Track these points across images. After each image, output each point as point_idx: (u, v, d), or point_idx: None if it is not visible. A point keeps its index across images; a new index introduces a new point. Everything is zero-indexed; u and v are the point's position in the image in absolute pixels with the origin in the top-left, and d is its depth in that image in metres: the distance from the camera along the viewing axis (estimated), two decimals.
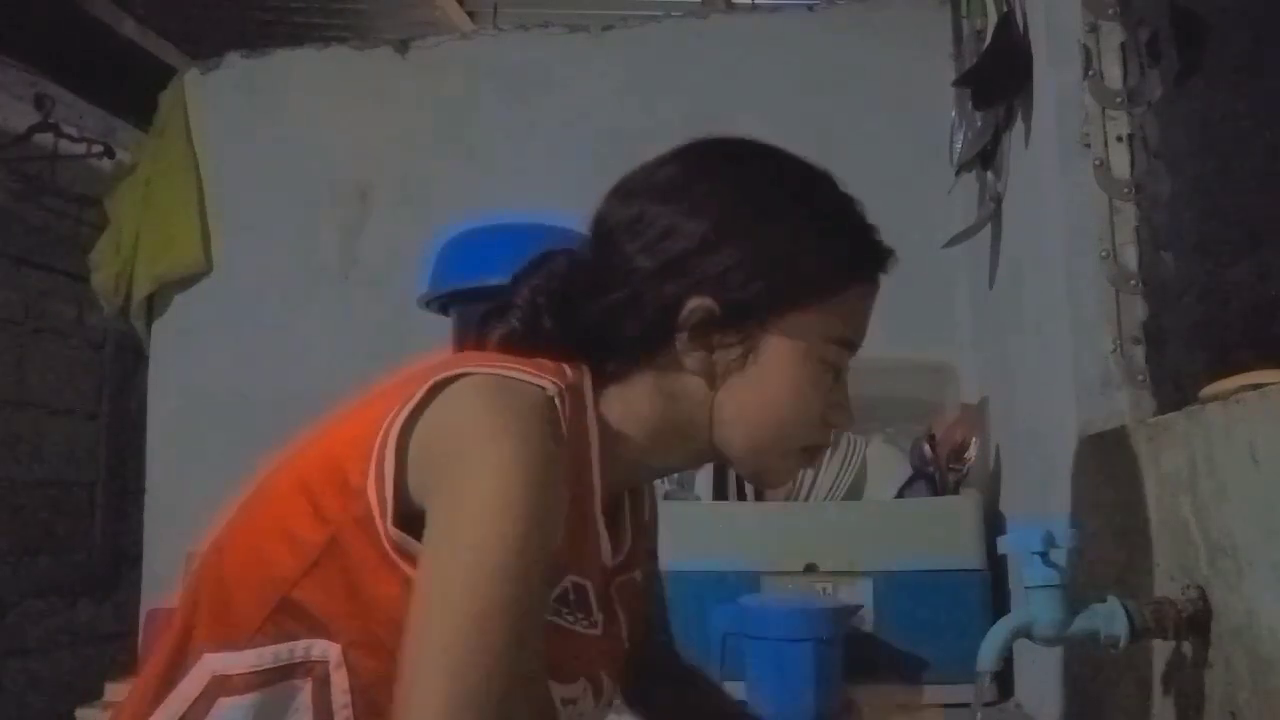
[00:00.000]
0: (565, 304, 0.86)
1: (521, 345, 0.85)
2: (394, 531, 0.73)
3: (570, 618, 0.81)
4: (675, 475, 1.72)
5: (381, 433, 0.74)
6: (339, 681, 0.74)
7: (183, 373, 2.36)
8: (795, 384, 0.84)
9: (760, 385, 0.84)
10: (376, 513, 0.73)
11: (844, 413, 0.88)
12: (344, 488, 0.75)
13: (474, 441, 0.72)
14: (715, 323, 0.82)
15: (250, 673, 0.75)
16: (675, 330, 0.82)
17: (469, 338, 0.90)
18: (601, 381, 0.85)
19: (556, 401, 0.75)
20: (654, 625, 1.07)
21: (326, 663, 0.75)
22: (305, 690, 0.75)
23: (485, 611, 0.68)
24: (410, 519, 0.73)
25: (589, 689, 0.85)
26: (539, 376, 0.76)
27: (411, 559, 0.72)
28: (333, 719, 0.74)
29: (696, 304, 0.81)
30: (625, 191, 0.88)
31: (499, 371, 0.76)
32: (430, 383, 0.75)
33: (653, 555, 1.03)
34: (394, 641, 0.71)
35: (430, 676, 0.67)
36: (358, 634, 0.75)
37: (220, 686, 0.75)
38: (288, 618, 0.75)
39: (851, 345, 0.87)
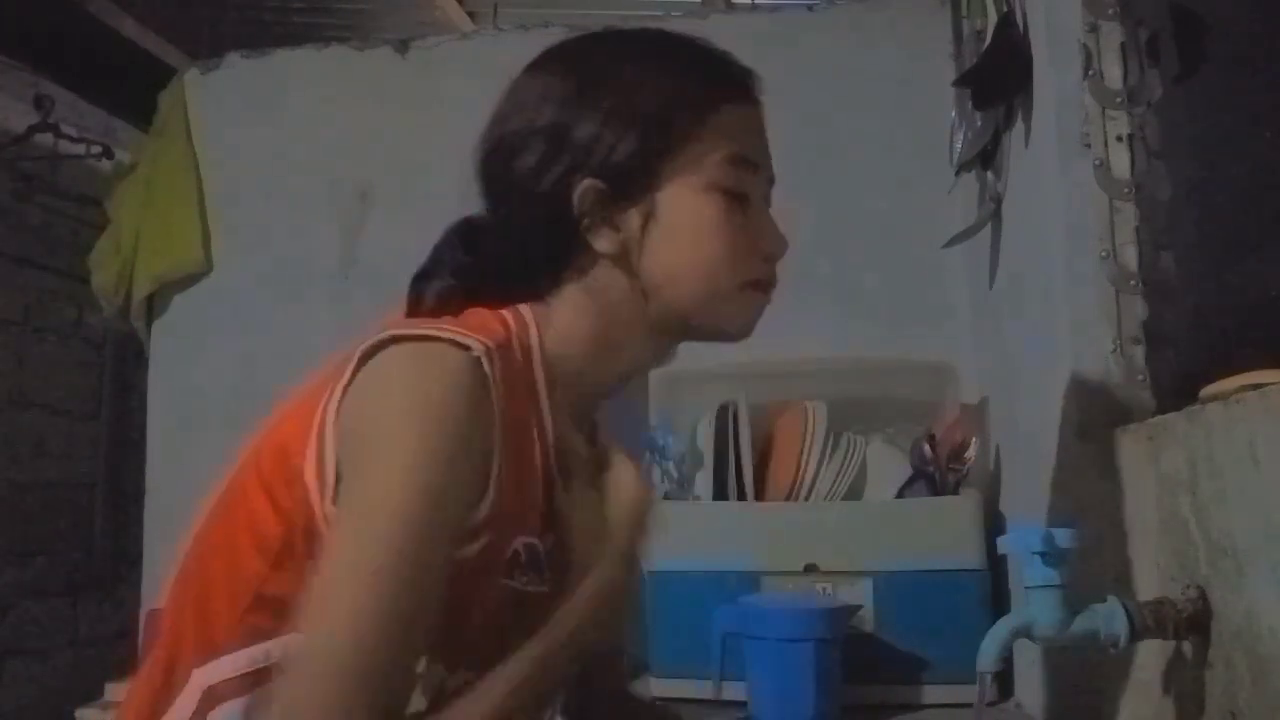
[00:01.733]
0: (473, 234, 0.88)
1: (455, 294, 0.85)
2: (331, 510, 0.73)
3: (523, 578, 0.80)
4: (675, 475, 1.72)
5: (320, 411, 0.75)
6: None
7: (183, 373, 2.36)
8: (705, 222, 0.83)
9: (673, 238, 0.83)
10: (315, 495, 0.74)
11: (772, 238, 0.87)
12: (288, 471, 0.75)
13: (383, 420, 0.72)
14: (607, 198, 0.82)
15: (234, 678, 0.75)
16: (578, 223, 0.82)
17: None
18: (539, 311, 0.85)
19: (484, 361, 0.75)
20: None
21: None
22: None
23: (381, 578, 0.68)
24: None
25: None
26: (465, 335, 0.76)
27: None
28: None
29: (582, 186, 0.82)
30: (489, 123, 0.90)
31: (424, 332, 0.75)
32: (358, 353, 0.75)
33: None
34: None
35: (311, 645, 0.67)
36: None
37: (210, 699, 0.76)
38: (262, 615, 0.75)
39: (748, 163, 0.85)
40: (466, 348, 0.75)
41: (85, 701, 1.90)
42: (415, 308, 0.88)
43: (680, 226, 0.83)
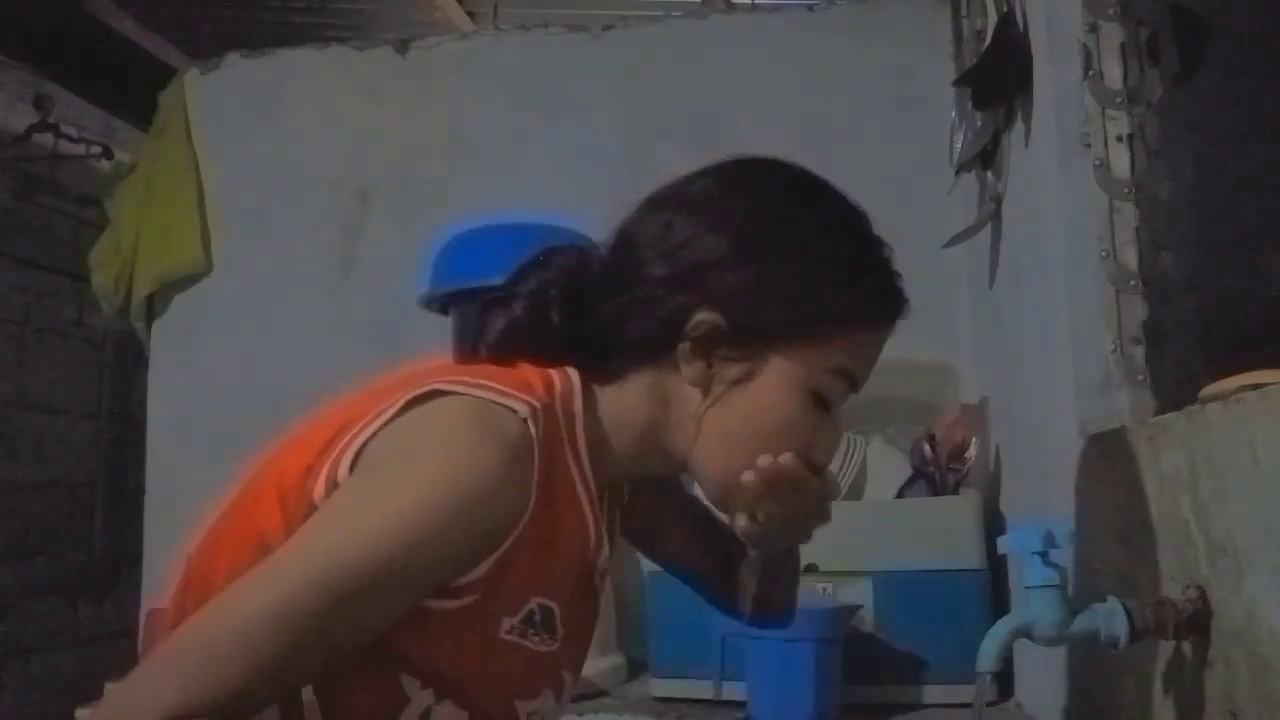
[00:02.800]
0: (573, 299, 0.86)
1: (523, 337, 0.84)
2: None
3: (535, 639, 0.80)
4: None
5: (346, 438, 0.74)
6: (307, 695, 0.73)
7: (183, 373, 2.36)
8: (785, 413, 0.83)
9: (751, 406, 0.82)
10: None
11: (828, 451, 0.87)
12: (304, 495, 0.74)
13: (422, 446, 0.72)
14: (720, 339, 0.81)
15: None
16: (679, 339, 0.82)
17: (470, 328, 0.89)
18: (596, 381, 0.85)
19: (530, 425, 0.74)
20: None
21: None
22: (274, 711, 0.74)
23: (299, 584, 0.66)
24: None
25: (551, 695, 0.85)
26: (513, 397, 0.75)
27: None
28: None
29: (704, 317, 0.81)
30: (656, 200, 0.87)
31: (474, 393, 0.75)
32: (404, 399, 0.75)
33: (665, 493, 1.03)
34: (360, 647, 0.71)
35: (204, 615, 0.66)
36: None
37: None
38: None
39: (851, 380, 0.86)
40: (514, 410, 0.74)
41: (85, 701, 1.90)
42: (479, 339, 0.87)
43: (763, 403, 0.82)
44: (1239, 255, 0.93)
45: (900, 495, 1.63)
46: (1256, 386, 0.70)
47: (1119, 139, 1.09)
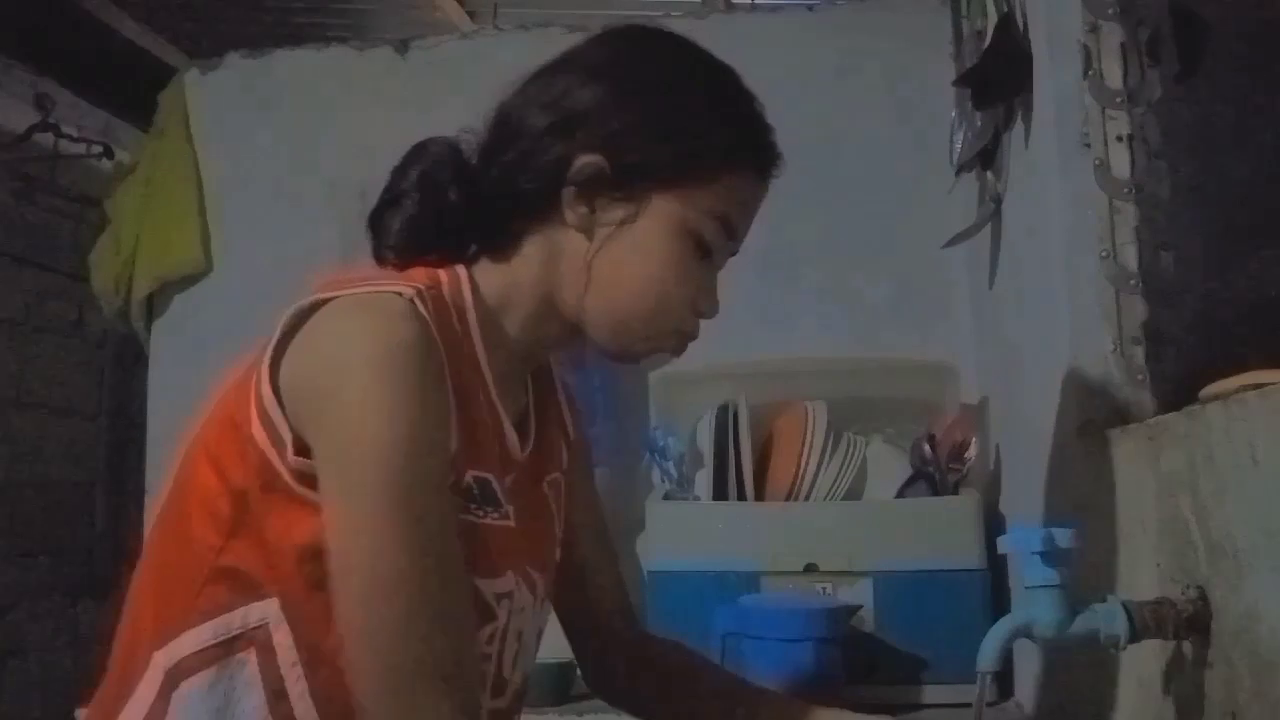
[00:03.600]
0: (460, 175, 0.88)
1: (425, 228, 0.86)
2: (294, 460, 0.74)
3: (479, 512, 0.81)
4: (675, 475, 1.72)
5: (255, 374, 0.76)
6: (282, 640, 0.75)
7: (183, 373, 2.35)
8: (667, 254, 0.84)
9: (636, 250, 0.84)
10: (272, 452, 0.75)
11: (711, 299, 0.88)
12: (237, 442, 0.76)
13: (338, 360, 0.74)
14: (603, 182, 0.83)
15: (193, 654, 0.76)
16: (560, 188, 0.83)
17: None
18: (492, 257, 0.87)
19: (417, 303, 0.76)
20: (609, 594, 1.06)
21: (266, 625, 0.75)
22: (250, 662, 0.75)
23: (392, 523, 0.70)
24: (304, 449, 0.74)
25: (521, 583, 0.86)
26: (396, 284, 0.78)
27: (314, 484, 0.74)
28: (282, 684, 0.75)
29: (587, 160, 0.83)
30: (532, 73, 0.90)
31: (354, 290, 0.78)
32: (288, 313, 0.78)
33: (578, 471, 1.03)
34: (323, 571, 0.72)
35: (364, 623, 0.69)
36: (288, 580, 0.75)
37: (172, 680, 0.76)
38: (220, 588, 0.76)
39: (730, 229, 0.87)
40: (398, 294, 0.77)
41: (85, 702, 1.90)
42: (379, 245, 0.89)
43: (648, 244, 0.84)
44: (1239, 255, 0.93)
45: (900, 495, 1.63)
46: (1256, 386, 0.70)
47: (1119, 139, 1.09)
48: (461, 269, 0.86)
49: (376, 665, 0.69)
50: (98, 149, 3.00)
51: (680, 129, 0.85)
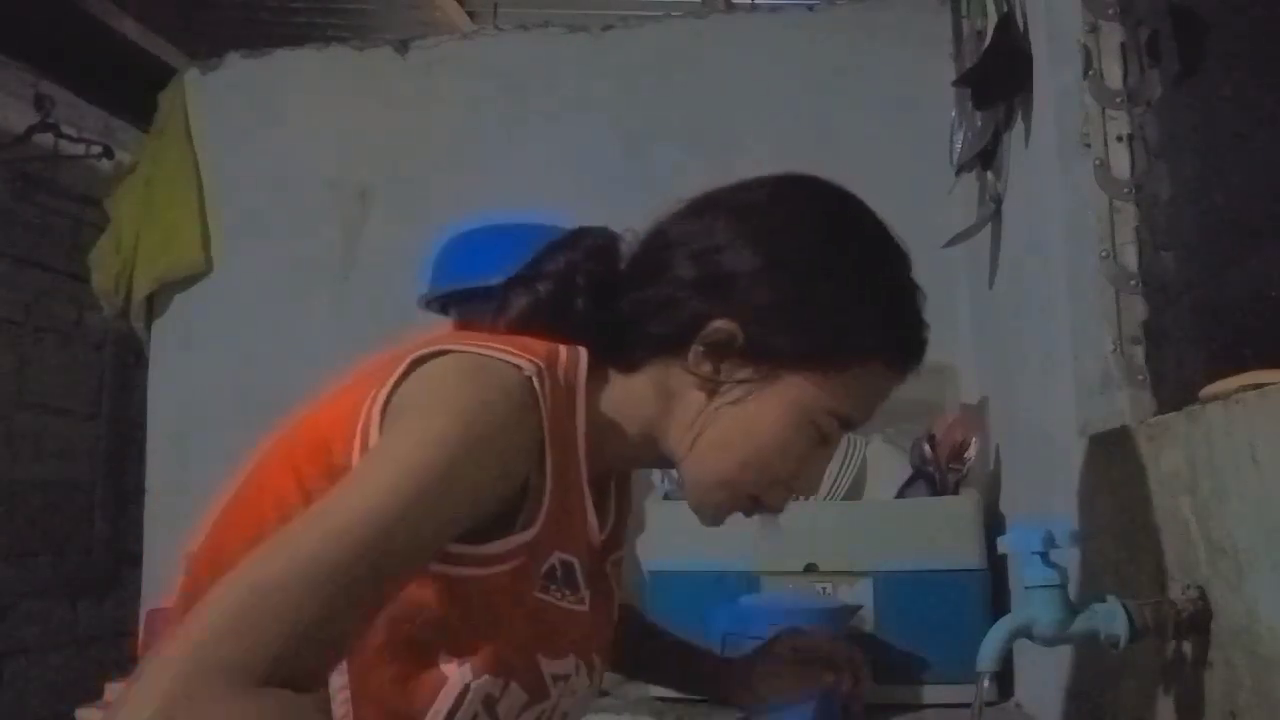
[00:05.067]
0: (599, 286, 0.86)
1: (543, 317, 0.85)
2: None
3: (558, 593, 0.81)
4: (675, 475, 1.72)
5: (364, 411, 0.75)
6: (337, 681, 0.74)
7: (183, 373, 2.36)
8: (782, 435, 0.83)
9: (749, 422, 0.83)
10: None
11: (814, 481, 0.88)
12: (329, 468, 0.75)
13: (424, 399, 0.73)
14: (734, 350, 0.82)
15: None
16: (694, 342, 0.82)
17: (489, 307, 0.89)
18: (605, 366, 0.85)
19: (534, 381, 0.75)
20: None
21: None
22: None
23: (332, 533, 0.63)
24: None
25: (581, 667, 0.85)
26: (518, 356, 0.76)
27: None
28: (328, 704, 0.74)
29: (722, 325, 0.81)
30: (699, 202, 0.88)
31: (479, 350, 0.76)
32: (409, 359, 0.76)
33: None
34: (384, 617, 0.71)
35: (244, 569, 0.62)
36: None
37: None
38: None
39: (849, 423, 0.87)
40: (518, 367, 0.75)
41: (85, 701, 1.90)
42: (499, 313, 0.87)
43: (762, 420, 0.83)
44: (1239, 255, 0.93)
45: (900, 495, 1.63)
46: (1256, 386, 0.70)
47: (1119, 139, 1.09)
48: (584, 352, 0.84)
49: (219, 616, 0.59)
50: (98, 149, 3.01)
51: (825, 319, 0.82)
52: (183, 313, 2.38)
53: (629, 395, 0.85)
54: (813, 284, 0.83)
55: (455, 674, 0.75)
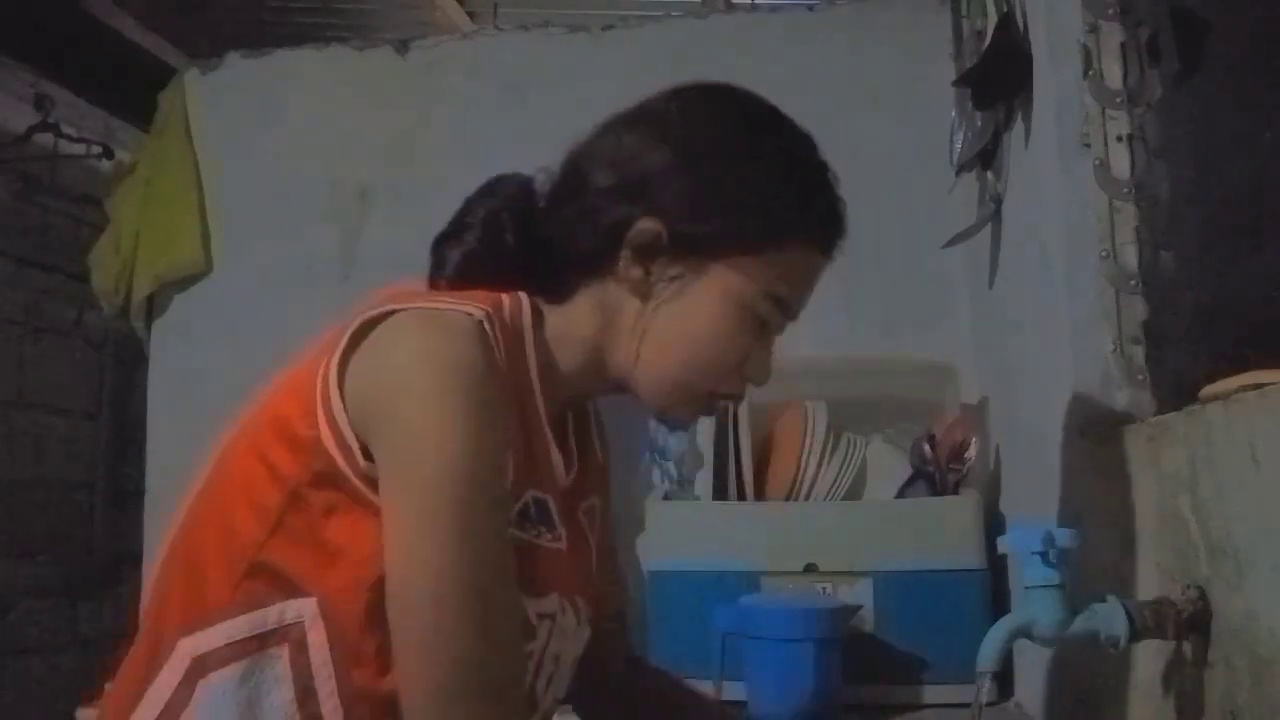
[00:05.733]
0: (524, 219, 0.88)
1: (479, 264, 0.86)
2: (367, 466, 0.75)
3: (534, 531, 0.82)
4: (675, 475, 1.72)
5: (319, 379, 0.76)
6: (316, 639, 0.75)
7: (183, 373, 2.36)
8: (720, 324, 0.84)
9: (687, 317, 0.84)
10: (340, 458, 0.75)
11: (763, 368, 0.88)
12: (294, 442, 0.76)
13: (406, 374, 0.74)
14: (660, 247, 0.83)
15: (225, 646, 0.76)
16: (620, 246, 0.84)
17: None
18: (545, 300, 0.87)
19: (485, 325, 0.77)
20: (610, 604, 1.06)
21: (302, 623, 0.75)
22: (283, 658, 0.75)
23: (453, 539, 0.70)
24: (369, 454, 0.75)
25: (566, 606, 0.86)
26: (466, 304, 0.78)
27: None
28: (312, 682, 0.75)
29: (645, 225, 0.83)
30: (603, 124, 0.90)
31: (425, 305, 0.78)
32: (356, 323, 0.77)
33: (605, 496, 1.03)
34: (371, 578, 0.73)
35: (419, 635, 0.70)
36: (331, 582, 0.76)
37: (199, 669, 0.76)
38: (258, 582, 0.76)
39: (785, 305, 0.87)
40: (469, 314, 0.77)
41: (85, 701, 1.90)
42: (436, 271, 0.89)
43: (699, 314, 0.84)
44: (1239, 255, 0.93)
45: (900, 495, 1.63)
46: (1256, 386, 0.70)
47: (1119, 139, 1.09)
48: (524, 296, 0.86)
49: (428, 676, 0.70)
50: (98, 149, 3.00)
51: (742, 202, 0.84)
52: (183, 313, 2.38)
53: (569, 323, 0.87)
54: (727, 171, 0.85)
55: None
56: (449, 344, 0.74)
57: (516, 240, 0.87)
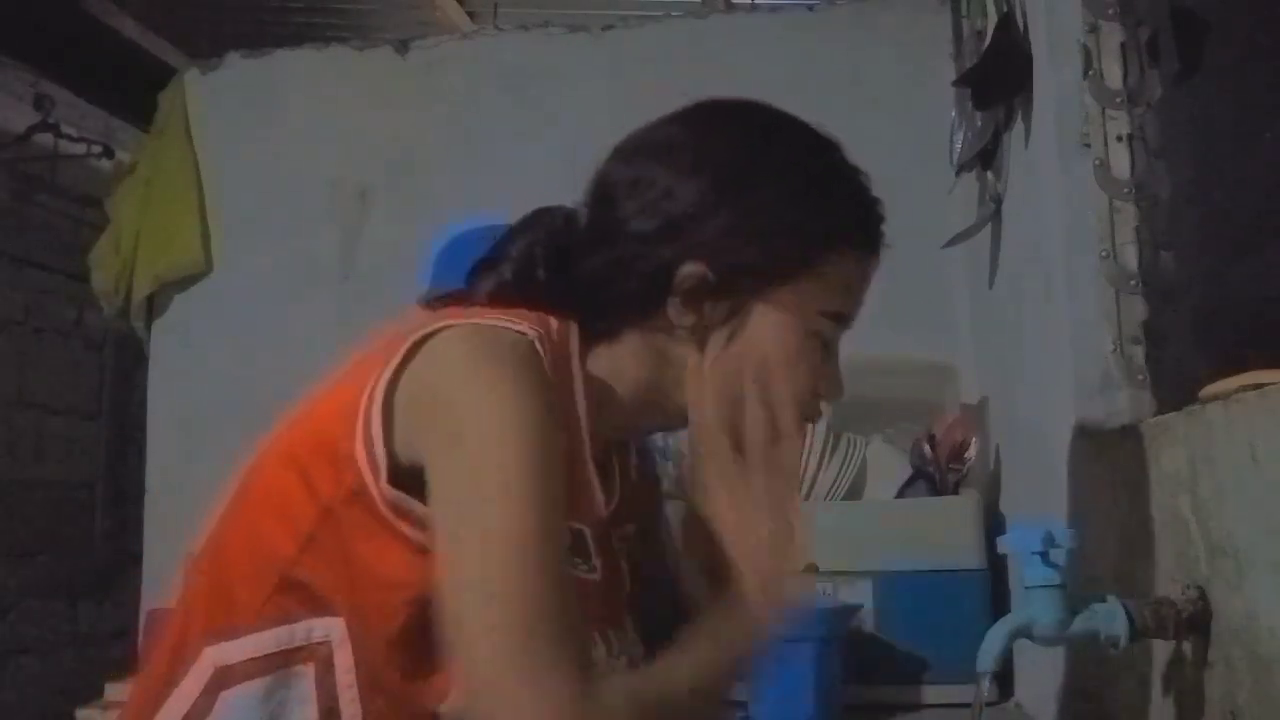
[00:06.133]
0: (560, 259, 0.86)
1: (511, 298, 0.84)
2: (389, 490, 0.73)
3: (570, 562, 0.80)
4: (674, 475, 1.72)
5: (365, 396, 0.75)
6: (342, 660, 0.74)
7: (183, 373, 2.36)
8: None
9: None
10: (369, 476, 0.74)
11: (834, 385, 0.86)
12: (334, 458, 0.75)
13: (462, 386, 0.73)
14: (708, 289, 0.81)
15: (251, 659, 0.75)
16: (669, 293, 0.81)
17: (457, 291, 0.89)
18: (589, 338, 0.84)
19: (537, 345, 0.75)
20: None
21: (329, 643, 0.75)
22: (308, 677, 0.75)
23: (518, 544, 0.69)
24: (403, 477, 0.73)
25: (597, 640, 0.84)
26: (518, 323, 0.77)
27: (408, 517, 0.73)
28: (337, 703, 0.74)
29: (690, 270, 0.81)
30: (627, 151, 0.88)
31: (478, 322, 0.77)
32: (410, 340, 0.75)
33: (652, 519, 1.01)
34: (398, 602, 0.72)
35: (482, 619, 0.68)
36: (360, 603, 0.75)
37: (222, 679, 0.75)
38: (288, 598, 0.75)
39: (843, 319, 0.86)
40: (521, 333, 0.76)
41: (85, 701, 1.90)
42: (466, 296, 0.87)
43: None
44: (1239, 255, 0.93)
45: (900, 495, 1.63)
46: (1256, 386, 0.70)
47: (1119, 139, 1.09)
48: (573, 325, 0.83)
49: (502, 617, 0.68)
50: (98, 149, 3.01)
51: (782, 225, 0.82)
52: (183, 313, 2.38)
53: (617, 363, 0.84)
54: (759, 194, 0.83)
55: None
56: (502, 359, 0.73)
57: (549, 276, 0.85)
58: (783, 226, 0.82)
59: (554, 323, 0.81)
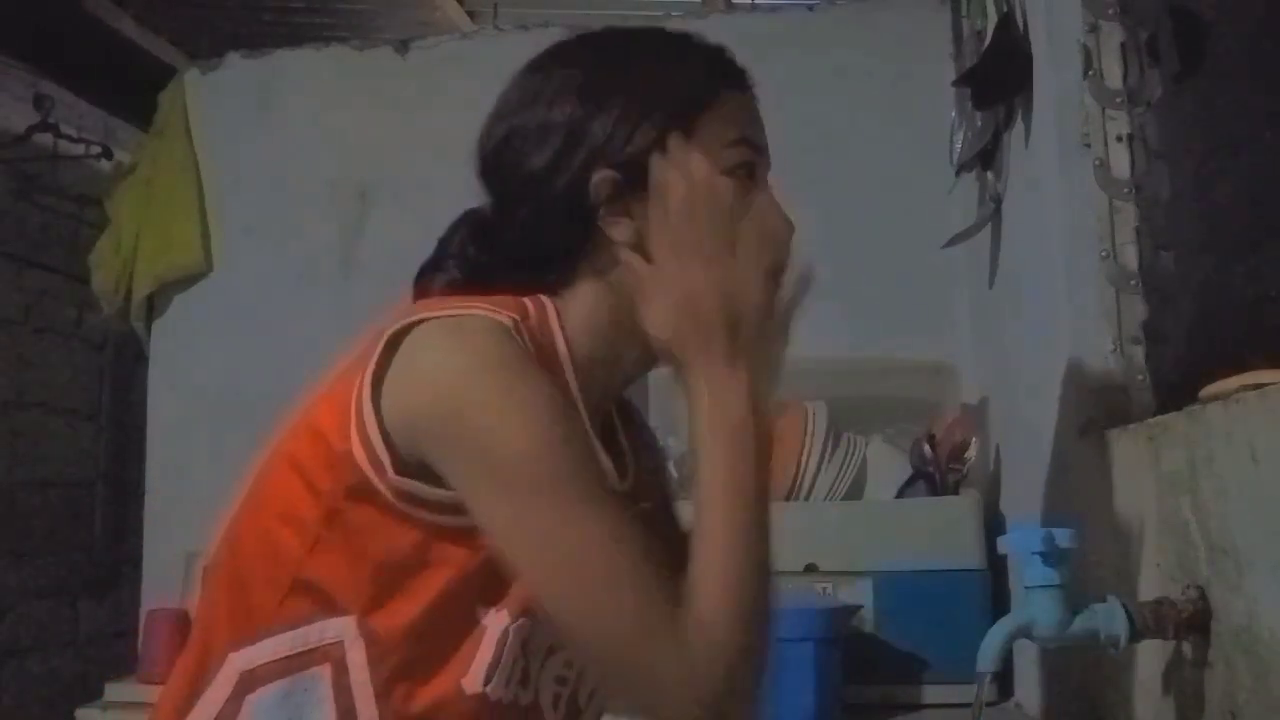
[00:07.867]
0: (489, 237, 0.88)
1: (463, 289, 0.85)
2: (397, 480, 0.74)
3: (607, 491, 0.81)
4: (675, 475, 1.72)
5: (355, 394, 0.76)
6: (356, 659, 0.75)
7: (183, 373, 2.36)
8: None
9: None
10: (371, 472, 0.74)
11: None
12: (331, 459, 0.76)
13: (454, 393, 0.73)
14: (623, 187, 0.82)
15: (272, 662, 0.76)
16: (595, 214, 0.82)
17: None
18: (555, 300, 0.85)
19: (513, 331, 0.76)
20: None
21: (341, 643, 0.75)
22: (325, 679, 0.75)
23: (574, 537, 0.71)
24: (408, 466, 0.74)
25: None
26: (494, 311, 0.77)
27: (422, 504, 0.74)
28: (353, 703, 0.75)
29: (598, 179, 0.82)
30: (493, 116, 0.90)
31: (453, 312, 0.77)
32: (386, 335, 0.76)
33: (663, 497, 1.01)
34: (416, 587, 0.74)
35: (577, 604, 0.71)
36: (371, 597, 0.76)
37: (248, 684, 0.76)
38: (301, 599, 0.76)
39: (751, 144, 0.86)
40: (497, 320, 0.76)
41: (85, 701, 1.90)
42: (421, 299, 0.88)
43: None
44: (1239, 255, 0.93)
45: (900, 495, 1.63)
46: (1256, 386, 0.70)
47: (1119, 139, 1.10)
48: (546, 300, 0.84)
49: (597, 630, 0.70)
50: (97, 149, 3.00)
51: (652, 97, 0.84)
52: (183, 313, 2.38)
53: (584, 309, 0.85)
54: (619, 84, 0.85)
55: (494, 622, 0.77)
56: (484, 350, 0.74)
57: (489, 257, 0.87)
58: (653, 99, 0.84)
59: (530, 305, 0.82)
